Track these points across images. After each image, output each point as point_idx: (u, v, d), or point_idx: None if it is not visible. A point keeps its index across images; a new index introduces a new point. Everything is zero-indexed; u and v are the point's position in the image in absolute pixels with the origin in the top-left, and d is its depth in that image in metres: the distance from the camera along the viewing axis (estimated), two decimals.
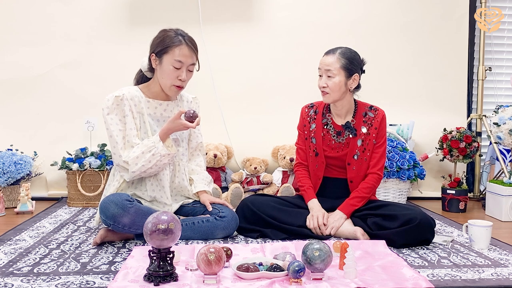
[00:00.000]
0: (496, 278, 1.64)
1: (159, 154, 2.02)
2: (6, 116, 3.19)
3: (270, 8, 3.32)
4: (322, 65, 2.20)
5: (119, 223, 1.93)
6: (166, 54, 2.06)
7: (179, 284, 1.52)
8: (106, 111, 2.07)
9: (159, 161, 2.04)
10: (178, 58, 2.06)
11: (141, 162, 2.02)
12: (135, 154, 2.02)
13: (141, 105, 2.12)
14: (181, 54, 2.06)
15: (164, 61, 2.07)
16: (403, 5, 3.36)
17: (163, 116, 2.18)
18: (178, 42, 2.06)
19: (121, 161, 2.04)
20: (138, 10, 3.24)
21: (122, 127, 2.07)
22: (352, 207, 2.21)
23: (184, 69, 2.09)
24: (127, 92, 2.10)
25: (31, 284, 1.55)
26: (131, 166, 2.02)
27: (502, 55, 3.61)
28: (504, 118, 2.74)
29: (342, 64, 2.16)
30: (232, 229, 2.14)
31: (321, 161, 2.29)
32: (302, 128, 2.37)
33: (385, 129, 2.30)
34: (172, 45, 2.05)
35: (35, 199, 2.89)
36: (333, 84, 2.17)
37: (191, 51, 2.09)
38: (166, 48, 2.06)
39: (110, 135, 2.06)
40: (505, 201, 2.64)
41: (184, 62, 2.07)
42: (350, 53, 2.20)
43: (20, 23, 3.19)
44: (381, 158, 2.27)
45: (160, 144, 2.03)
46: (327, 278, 1.57)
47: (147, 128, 2.12)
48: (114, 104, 2.07)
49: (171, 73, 2.07)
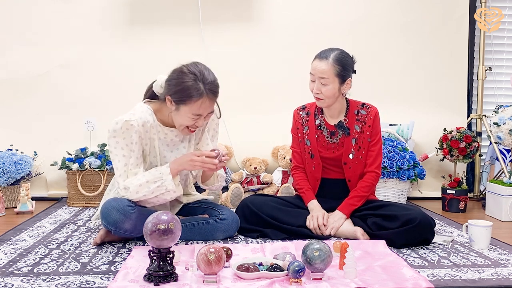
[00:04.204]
0: (496, 278, 1.64)
1: (165, 187, 1.91)
2: (6, 116, 3.19)
3: (270, 8, 3.32)
4: (315, 71, 2.14)
5: (121, 228, 1.92)
6: (184, 105, 1.88)
7: (179, 284, 1.52)
8: (112, 134, 1.92)
9: (162, 195, 1.93)
10: (198, 112, 1.89)
11: (143, 191, 1.90)
12: (139, 182, 1.90)
13: (152, 130, 1.99)
14: (201, 108, 1.88)
15: (182, 110, 1.90)
16: (403, 5, 3.36)
17: (173, 141, 2.06)
18: (199, 95, 1.86)
19: (121, 186, 1.93)
20: (138, 10, 3.24)
21: (127, 153, 1.93)
22: (352, 207, 2.21)
23: (202, 118, 1.94)
24: (138, 117, 1.94)
25: (31, 284, 1.55)
26: (131, 194, 1.90)
27: (502, 55, 3.61)
28: (504, 118, 2.74)
29: (337, 72, 2.11)
30: (232, 231, 2.14)
31: (317, 162, 2.28)
32: (295, 131, 2.36)
33: (379, 126, 2.27)
34: (192, 98, 1.86)
35: (35, 199, 2.89)
36: (327, 91, 2.14)
37: (212, 103, 1.92)
38: (185, 100, 1.87)
39: (113, 159, 1.95)
40: (505, 201, 2.64)
41: (203, 114, 1.92)
42: (343, 57, 2.14)
43: (20, 23, 3.19)
44: (378, 156, 2.25)
45: (169, 177, 1.91)
46: (327, 278, 1.57)
47: (156, 153, 2.02)
48: (124, 128, 1.91)
49: (187, 121, 1.92)
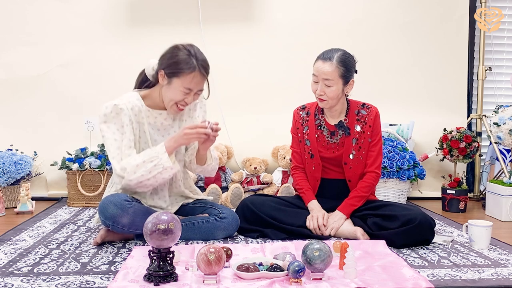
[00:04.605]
0: (496, 278, 1.64)
1: (161, 166, 1.93)
2: (6, 116, 3.19)
3: (270, 8, 3.32)
4: (319, 73, 2.13)
5: (118, 223, 1.93)
6: (176, 78, 1.96)
7: (179, 284, 1.52)
8: (103, 118, 1.98)
9: (159, 174, 1.94)
10: (189, 85, 1.97)
11: (141, 171, 1.92)
12: (135, 162, 1.93)
13: (141, 114, 2.04)
14: (193, 82, 1.97)
15: (174, 83, 1.98)
16: (403, 5, 3.35)
17: (163, 125, 2.11)
18: (191, 69, 1.95)
19: (117, 168, 1.94)
20: (138, 10, 3.23)
21: (119, 137, 1.97)
22: (352, 207, 2.21)
23: (192, 94, 2.01)
24: (127, 101, 2.01)
25: (31, 284, 1.55)
26: (129, 174, 1.92)
27: (502, 55, 3.61)
28: (504, 118, 2.74)
29: (341, 73, 2.11)
30: (232, 230, 2.14)
31: (317, 162, 2.28)
32: (295, 131, 2.36)
33: (380, 127, 2.28)
34: (184, 71, 1.95)
35: (35, 199, 2.89)
36: (331, 93, 2.13)
37: (203, 79, 2.00)
38: (177, 73, 1.96)
39: (106, 143, 1.98)
40: (505, 201, 2.64)
41: (194, 89, 2.00)
42: (346, 58, 2.14)
43: (19, 23, 3.18)
44: (378, 156, 2.25)
45: (165, 155, 1.94)
46: (327, 278, 1.57)
47: (147, 138, 2.06)
48: (113, 112, 1.97)
49: (178, 95, 1.99)
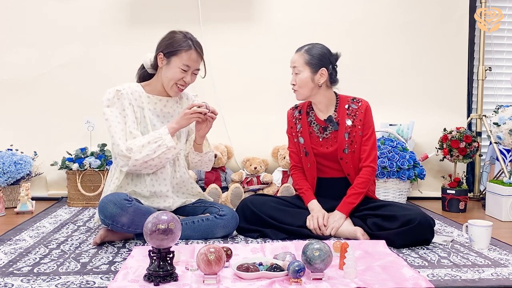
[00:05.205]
0: (496, 278, 1.64)
1: (165, 145, 2.03)
2: (6, 116, 3.19)
3: (270, 8, 3.32)
4: (290, 63, 2.25)
5: (117, 222, 1.93)
6: (174, 56, 2.11)
7: (179, 284, 1.52)
8: (106, 103, 2.09)
9: (163, 154, 2.04)
10: (187, 62, 2.11)
11: (146, 151, 2.01)
12: (140, 143, 2.02)
13: (141, 99, 2.15)
14: (190, 59, 2.12)
15: (172, 62, 2.11)
16: (402, 5, 3.36)
17: (163, 111, 2.20)
18: (188, 46, 2.11)
19: (123, 148, 2.01)
20: (138, 10, 3.24)
21: (122, 120, 2.08)
22: (350, 205, 2.20)
23: (190, 73, 2.14)
24: (127, 87, 2.14)
25: (31, 284, 1.55)
26: (135, 154, 2.00)
27: (502, 55, 3.61)
28: (504, 118, 2.74)
29: (306, 60, 2.19)
30: (232, 227, 2.15)
31: (312, 160, 2.28)
32: (290, 130, 2.38)
33: (371, 120, 2.28)
34: (181, 48, 2.10)
35: (35, 199, 2.89)
36: (299, 80, 2.20)
37: (198, 57, 2.15)
38: (175, 51, 2.11)
39: (110, 125, 2.06)
40: (505, 201, 2.64)
41: (191, 66, 2.13)
42: (315, 49, 2.22)
43: (19, 23, 3.19)
44: (372, 150, 2.25)
45: (168, 136, 2.05)
46: (327, 278, 1.57)
47: (147, 122, 2.14)
48: (115, 97, 2.09)
49: (177, 74, 2.12)
